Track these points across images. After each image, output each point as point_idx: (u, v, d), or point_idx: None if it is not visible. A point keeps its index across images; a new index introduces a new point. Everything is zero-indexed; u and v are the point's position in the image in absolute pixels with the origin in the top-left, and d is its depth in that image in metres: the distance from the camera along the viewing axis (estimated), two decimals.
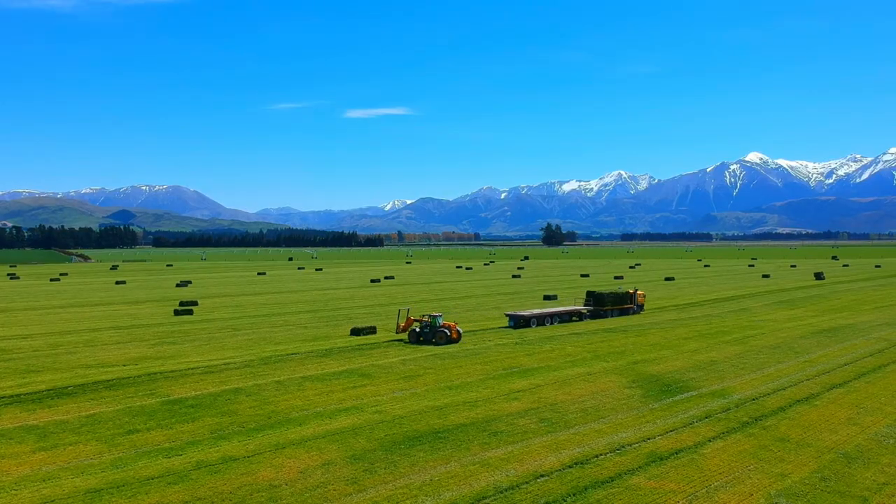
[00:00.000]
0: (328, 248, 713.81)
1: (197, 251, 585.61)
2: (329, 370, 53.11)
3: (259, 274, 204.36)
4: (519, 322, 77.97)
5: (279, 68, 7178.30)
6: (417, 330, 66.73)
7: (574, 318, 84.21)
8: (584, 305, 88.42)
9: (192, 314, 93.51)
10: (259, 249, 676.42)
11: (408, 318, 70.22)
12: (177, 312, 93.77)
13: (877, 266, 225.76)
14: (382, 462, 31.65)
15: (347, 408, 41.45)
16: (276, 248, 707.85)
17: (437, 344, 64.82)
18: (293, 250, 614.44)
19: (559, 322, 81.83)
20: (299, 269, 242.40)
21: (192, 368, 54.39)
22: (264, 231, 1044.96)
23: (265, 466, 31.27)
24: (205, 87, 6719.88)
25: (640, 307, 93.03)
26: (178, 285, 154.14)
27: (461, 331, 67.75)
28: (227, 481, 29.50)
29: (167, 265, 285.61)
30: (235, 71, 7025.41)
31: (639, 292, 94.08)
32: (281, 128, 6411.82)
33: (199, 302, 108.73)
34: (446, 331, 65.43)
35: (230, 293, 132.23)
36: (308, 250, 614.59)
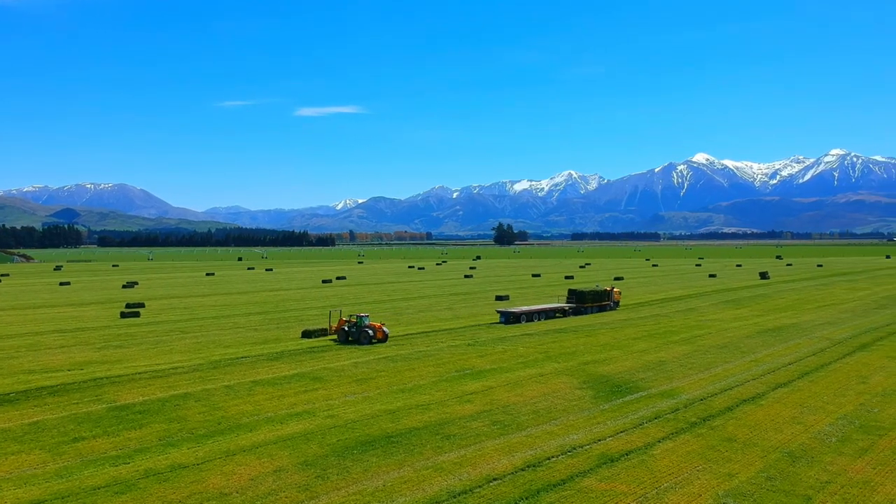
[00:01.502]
0: (279, 248, 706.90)
1: (144, 251, 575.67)
2: (280, 374, 52.57)
3: (208, 274, 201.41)
4: (510, 318, 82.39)
5: (229, 65, 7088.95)
6: (346, 329, 68.00)
7: (558, 315, 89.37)
8: (567, 303, 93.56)
9: (138, 316, 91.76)
10: (207, 249, 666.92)
11: (340, 320, 70.68)
12: (123, 315, 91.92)
13: (819, 265, 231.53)
14: (335, 468, 31.43)
15: (299, 412, 41.07)
16: (225, 248, 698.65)
17: (361, 343, 66.21)
18: (243, 250, 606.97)
19: (546, 318, 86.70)
20: (249, 269, 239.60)
21: (139, 373, 53.35)
22: (213, 230, 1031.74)
23: (215, 474, 30.81)
24: (152, 83, 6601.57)
25: (616, 304, 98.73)
26: (124, 286, 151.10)
27: (387, 331, 68.98)
28: (177, 490, 28.99)
29: (113, 265, 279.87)
30: (184, 67, 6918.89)
31: (615, 290, 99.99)
32: (230, 125, 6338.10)
33: (145, 304, 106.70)
34: (370, 331, 66.87)
35: (178, 294, 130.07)
36: (258, 250, 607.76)
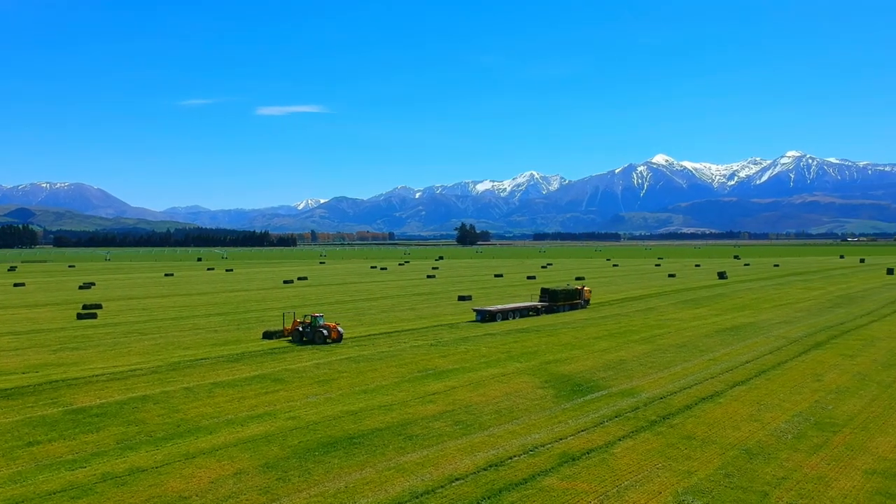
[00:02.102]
0: (239, 248, 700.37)
1: (101, 251, 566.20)
2: (240, 375, 52.06)
3: (166, 275, 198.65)
4: (485, 316, 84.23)
5: (188, 63, 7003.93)
6: (301, 330, 68.20)
7: (531, 313, 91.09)
8: (540, 301, 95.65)
9: (95, 318, 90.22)
10: (166, 249, 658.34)
11: (294, 321, 70.70)
12: (80, 316, 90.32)
13: (775, 265, 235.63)
14: (296, 470, 31.21)
15: (260, 414, 40.71)
16: (184, 248, 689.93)
17: (316, 343, 66.47)
18: (202, 250, 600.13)
19: (520, 316, 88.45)
20: (209, 269, 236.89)
21: (96, 375, 52.45)
22: (172, 230, 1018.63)
23: (174, 477, 30.40)
24: (111, 80, 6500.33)
25: (587, 302, 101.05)
26: (80, 287, 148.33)
27: (342, 331, 69.16)
28: (135, 494, 28.56)
29: (69, 266, 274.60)
30: (143, 64, 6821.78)
31: (585, 289, 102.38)
32: (190, 124, 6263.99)
33: (103, 305, 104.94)
34: (324, 331, 67.15)
35: (136, 295, 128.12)
36: (218, 250, 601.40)
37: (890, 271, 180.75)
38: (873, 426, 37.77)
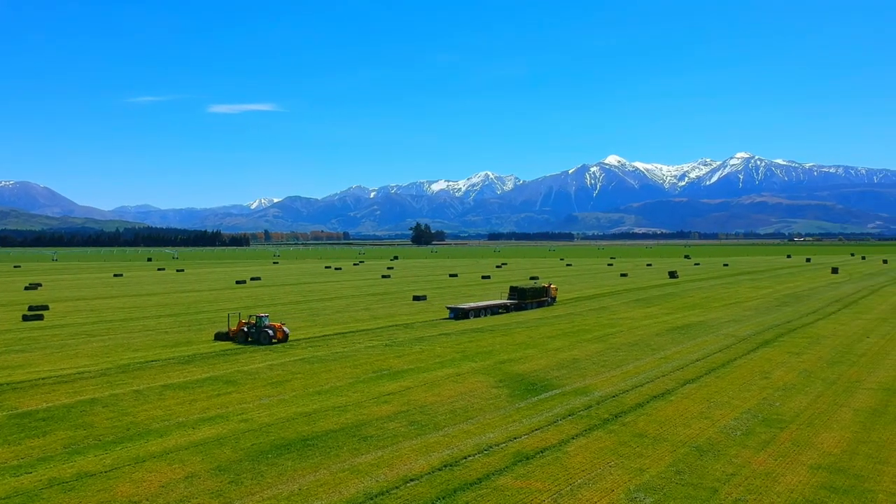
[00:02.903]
0: (191, 248, 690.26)
1: (47, 251, 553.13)
2: (192, 377, 51.31)
3: (115, 276, 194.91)
4: (458, 314, 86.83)
5: (137, 59, 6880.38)
6: (245, 330, 68.00)
7: (500, 311, 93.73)
8: (509, 299, 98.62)
9: (42, 319, 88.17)
10: (115, 249, 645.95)
11: (239, 322, 70.37)
12: (25, 318, 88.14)
13: (725, 265, 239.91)
14: (249, 473, 30.86)
15: (212, 417, 40.17)
16: (133, 248, 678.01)
17: (261, 344, 66.36)
18: (153, 250, 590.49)
19: (491, 314, 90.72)
20: (159, 270, 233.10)
21: (42, 378, 51.23)
22: (121, 230, 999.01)
23: (124, 481, 29.84)
24: (57, 76, 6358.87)
25: (554, 299, 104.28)
26: (26, 288, 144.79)
27: (287, 331, 69.04)
28: (83, 499, 27.97)
29: (14, 266, 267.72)
30: (91, 60, 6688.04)
31: (552, 286, 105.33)
32: (140, 122, 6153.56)
33: (49, 306, 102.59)
34: (269, 331, 67.00)
35: (84, 296, 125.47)
36: (169, 250, 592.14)
37: (835, 270, 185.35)
38: (818, 422, 38.68)
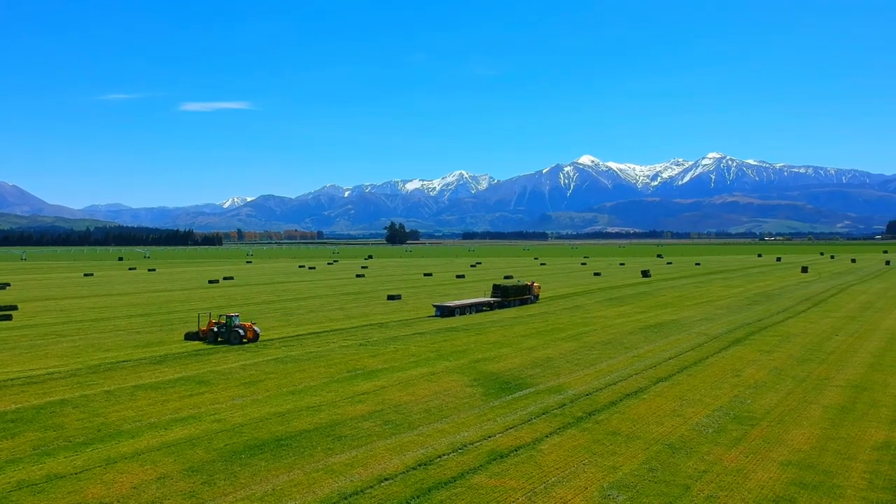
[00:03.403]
0: (163, 248, 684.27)
1: (16, 251, 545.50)
2: (164, 378, 50.83)
3: (86, 275, 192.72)
4: (445, 312, 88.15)
5: (109, 56, 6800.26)
6: (215, 330, 67.65)
7: (484, 308, 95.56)
8: (493, 297, 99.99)
9: (10, 319, 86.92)
10: (86, 249, 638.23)
11: (209, 321, 70.04)
12: None
13: (697, 264, 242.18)
14: (222, 473, 30.63)
15: (184, 417, 39.82)
16: (104, 248, 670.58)
17: (232, 343, 66.04)
18: (124, 250, 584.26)
19: (475, 311, 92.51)
20: (131, 269, 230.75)
21: (11, 379, 50.48)
22: (92, 229, 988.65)
23: (95, 483, 29.49)
24: (26, 73, 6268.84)
25: (536, 297, 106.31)
26: None
27: (258, 331, 68.67)
28: (53, 501, 27.60)
29: None
30: (61, 57, 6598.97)
31: (535, 284, 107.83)
32: (111, 120, 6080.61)
33: (18, 306, 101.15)
34: (240, 330, 66.68)
35: (54, 296, 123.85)
36: (140, 249, 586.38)
37: (805, 269, 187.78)
38: (789, 419, 39.16)
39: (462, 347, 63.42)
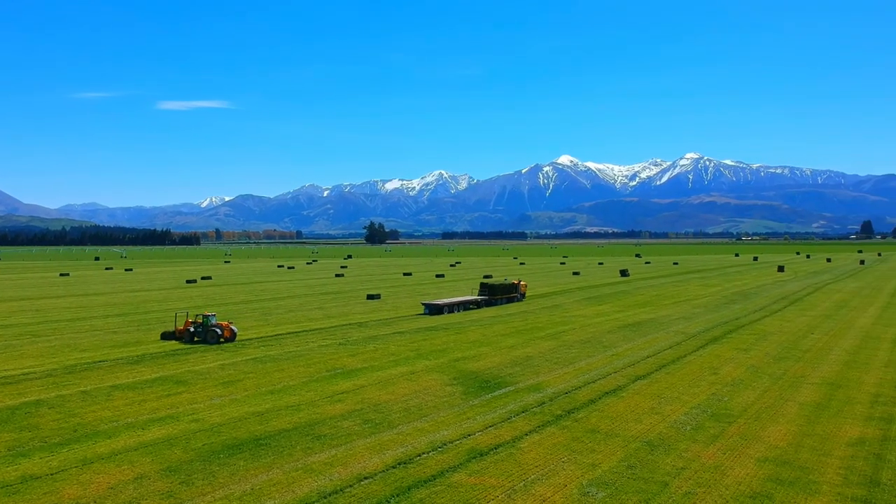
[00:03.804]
0: (140, 247, 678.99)
1: None
2: (141, 378, 50.43)
3: (62, 275, 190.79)
4: (433, 310, 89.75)
5: (84, 54, 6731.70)
6: (192, 330, 67.29)
7: (472, 307, 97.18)
8: (480, 295, 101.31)
9: None
10: (62, 249, 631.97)
11: (186, 321, 69.66)
12: None
13: (675, 263, 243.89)
14: (200, 473, 30.44)
15: (162, 417, 39.52)
16: (80, 248, 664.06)
17: (209, 343, 65.73)
18: (100, 249, 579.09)
19: (464, 310, 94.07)
20: (107, 269, 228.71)
21: None
22: (67, 229, 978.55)
23: (71, 484, 29.20)
24: (0, 71, 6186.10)
25: (523, 296, 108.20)
26: None
27: (235, 330, 68.31)
28: (28, 502, 27.30)
29: None
30: (33, 54, 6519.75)
31: (521, 283, 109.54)
32: (86, 118, 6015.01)
33: None
34: (217, 330, 66.35)
35: (29, 296, 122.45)
36: (117, 249, 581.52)
37: (781, 269, 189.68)
38: (765, 416, 39.53)
39: (442, 346, 63.44)
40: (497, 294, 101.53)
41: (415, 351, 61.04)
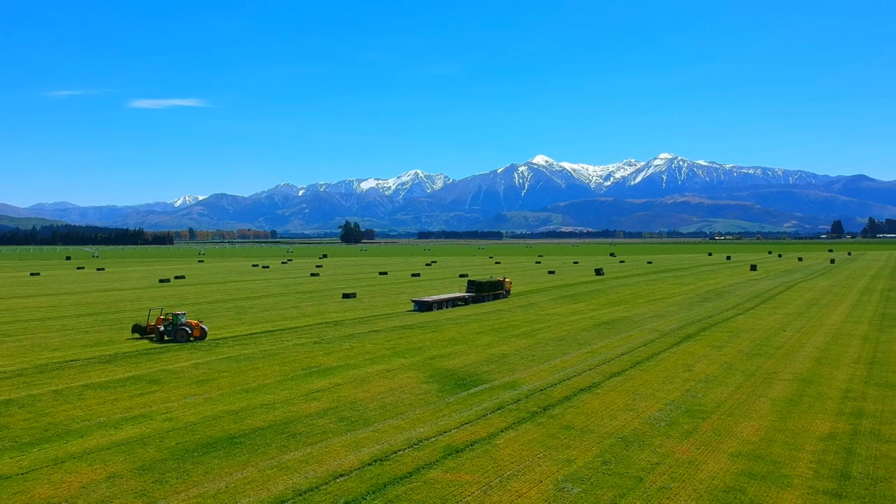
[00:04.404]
0: (112, 247, 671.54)
1: None
2: (114, 377, 49.89)
3: (32, 274, 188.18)
4: (422, 306, 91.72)
5: (56, 51, 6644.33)
6: (162, 329, 66.85)
7: (460, 303, 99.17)
8: (467, 292, 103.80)
9: None
10: (32, 248, 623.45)
11: (158, 318, 69.09)
12: None
13: (649, 262, 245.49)
14: (174, 472, 30.18)
15: (135, 416, 39.13)
16: (51, 247, 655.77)
17: (178, 341, 65.45)
18: (72, 249, 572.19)
19: (452, 306, 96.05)
20: (79, 269, 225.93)
21: None
22: (38, 228, 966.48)
23: (42, 483, 28.82)
24: None
25: (508, 292, 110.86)
26: None
27: (206, 329, 67.94)
28: None
29: None
30: (6, 52, 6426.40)
31: (507, 280, 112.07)
32: (58, 116, 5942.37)
33: None
34: (186, 328, 66.05)
35: None
36: (89, 249, 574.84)
37: (753, 267, 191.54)
38: (738, 412, 39.91)
39: (418, 345, 63.38)
40: (484, 291, 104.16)
41: (391, 349, 60.94)
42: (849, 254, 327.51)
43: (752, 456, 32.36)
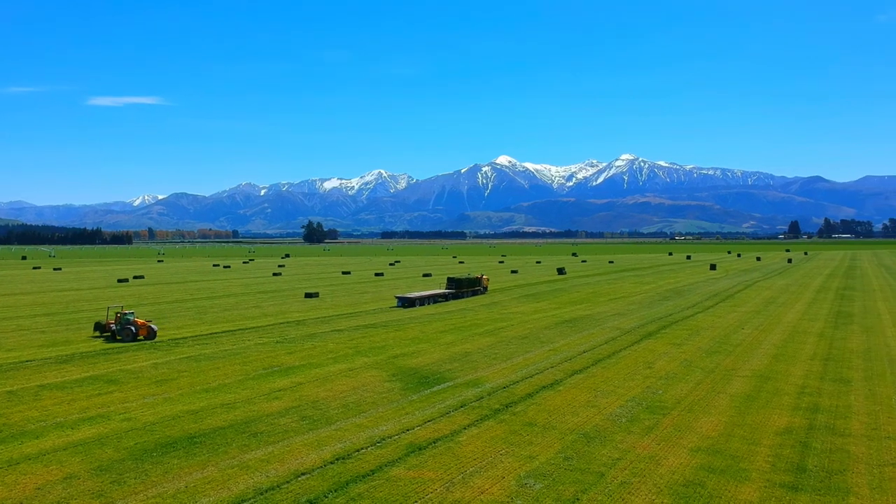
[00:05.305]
0: (69, 246, 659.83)
1: None
2: (70, 377, 49.01)
3: None
4: (406, 302, 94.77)
5: (11, 46, 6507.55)
6: (114, 327, 66.45)
7: (440, 300, 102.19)
8: (447, 289, 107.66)
9: None
10: None
11: (116, 316, 68.39)
12: None
13: (610, 262, 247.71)
14: (132, 472, 29.73)
15: (92, 416, 38.48)
16: (6, 246, 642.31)
17: (125, 341, 64.97)
18: (27, 248, 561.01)
19: (433, 302, 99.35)
20: (35, 268, 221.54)
21: None
22: None
23: None
24: None
25: (485, 289, 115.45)
26: None
27: (155, 328, 67.24)
28: None
29: None
30: None
31: (484, 277, 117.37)
32: (12, 114, 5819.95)
33: None
34: (132, 328, 65.39)
35: None
36: (45, 248, 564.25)
37: (713, 267, 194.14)
38: (698, 408, 40.44)
39: (381, 344, 63.22)
40: (463, 287, 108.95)
41: (353, 348, 60.71)
42: (805, 253, 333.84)
43: (711, 451, 32.81)
